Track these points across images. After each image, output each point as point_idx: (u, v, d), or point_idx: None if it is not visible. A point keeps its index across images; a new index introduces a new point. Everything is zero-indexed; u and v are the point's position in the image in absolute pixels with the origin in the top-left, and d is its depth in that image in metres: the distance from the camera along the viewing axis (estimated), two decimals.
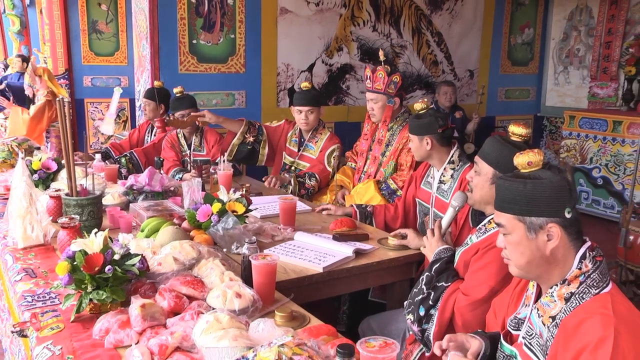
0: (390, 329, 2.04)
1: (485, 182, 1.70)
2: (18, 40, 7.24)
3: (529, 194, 1.18)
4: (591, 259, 1.17)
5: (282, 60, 4.49)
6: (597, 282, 1.15)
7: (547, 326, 1.17)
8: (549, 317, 1.17)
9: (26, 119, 5.09)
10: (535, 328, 1.21)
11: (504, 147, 1.64)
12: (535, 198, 1.17)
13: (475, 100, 5.36)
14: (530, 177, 1.20)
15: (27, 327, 1.46)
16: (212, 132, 3.52)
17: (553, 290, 1.19)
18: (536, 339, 1.20)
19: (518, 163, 1.24)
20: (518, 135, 1.65)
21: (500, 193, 1.24)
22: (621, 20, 5.48)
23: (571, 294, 1.15)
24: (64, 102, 2.07)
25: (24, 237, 2.02)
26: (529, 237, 1.19)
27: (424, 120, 2.30)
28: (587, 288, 1.14)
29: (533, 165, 1.22)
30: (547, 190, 1.17)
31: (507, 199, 1.21)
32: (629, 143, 4.80)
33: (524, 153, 1.23)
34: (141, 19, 4.07)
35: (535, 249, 1.19)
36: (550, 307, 1.18)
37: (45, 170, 2.72)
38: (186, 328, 1.31)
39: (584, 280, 1.15)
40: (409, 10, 5.04)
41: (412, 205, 2.55)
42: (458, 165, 2.31)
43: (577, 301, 1.14)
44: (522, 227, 1.19)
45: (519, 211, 1.19)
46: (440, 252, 1.83)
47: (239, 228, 2.03)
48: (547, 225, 1.17)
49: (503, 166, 1.64)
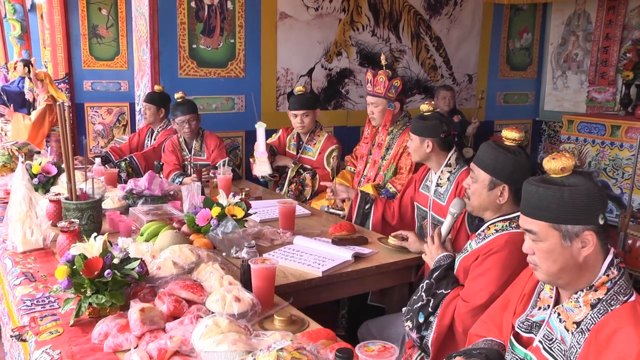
0: (389, 333, 2.04)
1: (482, 189, 1.70)
2: (19, 45, 7.24)
3: (567, 202, 1.14)
4: (616, 266, 1.17)
5: (281, 64, 4.51)
6: (625, 289, 1.14)
7: (572, 332, 1.15)
8: (572, 322, 1.16)
9: (28, 124, 5.10)
10: (556, 333, 1.19)
11: (499, 153, 1.64)
12: (573, 205, 1.14)
13: (474, 104, 5.38)
14: (565, 184, 1.16)
15: (26, 331, 1.46)
16: (213, 137, 3.53)
17: (578, 296, 1.17)
18: (557, 344, 1.19)
19: (550, 168, 1.19)
20: (511, 139, 1.65)
21: (532, 199, 1.20)
22: (618, 26, 5.50)
23: (598, 300, 1.14)
24: (64, 107, 2.07)
25: (24, 241, 2.02)
26: (564, 245, 1.16)
27: (429, 123, 2.29)
28: (615, 295, 1.14)
29: (566, 171, 1.18)
30: (583, 197, 1.14)
31: (541, 206, 1.17)
32: (627, 147, 4.81)
33: (557, 158, 1.19)
34: (141, 23, 4.08)
35: (570, 256, 1.16)
36: (574, 312, 1.17)
37: (45, 174, 2.73)
38: (185, 332, 1.31)
39: (612, 287, 1.14)
40: (407, 15, 5.06)
41: (409, 206, 2.55)
42: (455, 169, 2.31)
43: (605, 308, 1.13)
44: (557, 235, 1.16)
45: (555, 219, 1.16)
46: (440, 260, 1.83)
47: (238, 232, 2.03)
48: (583, 233, 1.15)
49: (499, 172, 1.65)
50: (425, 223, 2.45)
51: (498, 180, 1.66)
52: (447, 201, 2.28)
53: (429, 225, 2.43)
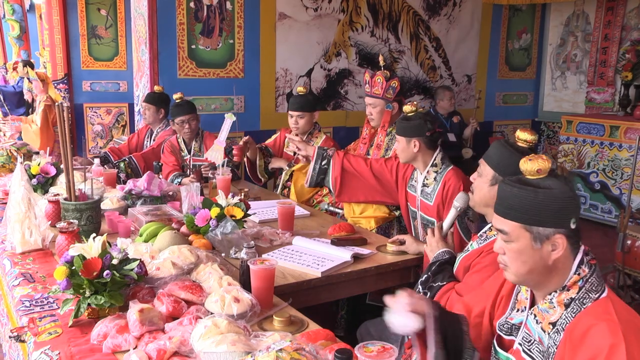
0: (389, 334, 2.04)
1: (484, 184, 1.71)
2: (17, 45, 7.24)
3: (540, 204, 1.14)
4: (587, 264, 1.17)
5: (280, 65, 4.51)
6: (596, 287, 1.15)
7: (548, 333, 1.16)
8: (548, 323, 1.17)
9: (36, 130, 5.08)
10: (534, 334, 1.20)
11: (506, 151, 1.66)
12: (546, 208, 1.14)
13: (473, 105, 5.38)
14: (540, 186, 1.16)
15: (25, 332, 1.46)
16: (212, 138, 3.52)
17: (552, 297, 1.18)
18: (536, 345, 1.19)
19: (526, 169, 1.19)
20: (524, 140, 1.65)
21: (506, 199, 1.19)
22: (617, 26, 5.51)
23: (571, 299, 1.15)
24: (64, 107, 2.07)
25: (22, 242, 2.02)
26: (534, 247, 1.16)
27: (413, 123, 2.33)
28: (587, 293, 1.14)
29: (542, 173, 1.18)
30: (557, 200, 1.14)
31: (514, 206, 1.17)
32: (626, 148, 4.82)
33: (533, 159, 1.18)
34: (140, 24, 4.08)
35: (539, 258, 1.16)
36: (549, 313, 1.17)
37: (44, 175, 2.73)
38: (184, 333, 1.31)
39: (583, 285, 1.15)
40: (407, 16, 5.06)
41: (386, 172, 2.56)
42: (441, 168, 2.34)
43: (578, 307, 1.14)
44: (528, 237, 1.16)
45: (527, 220, 1.15)
46: (439, 255, 1.86)
47: (238, 233, 2.03)
48: (554, 236, 1.15)
49: (503, 169, 1.66)
50: (416, 223, 2.48)
51: (501, 176, 1.66)
52: (434, 201, 2.33)
53: (420, 226, 2.46)
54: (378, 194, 2.60)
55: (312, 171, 2.65)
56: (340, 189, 2.61)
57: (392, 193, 2.57)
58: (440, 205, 2.31)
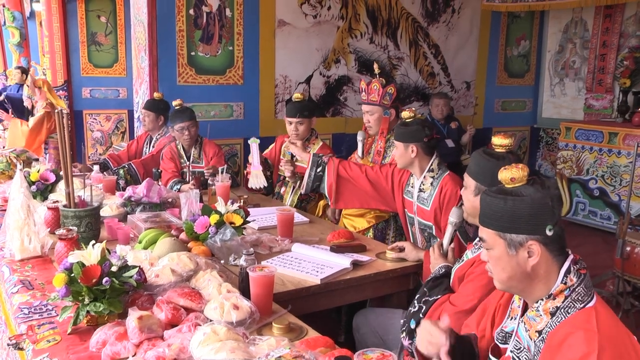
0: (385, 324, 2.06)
1: (469, 195, 1.74)
2: (17, 52, 7.26)
3: (509, 211, 1.17)
4: (575, 273, 1.18)
5: (280, 72, 4.52)
6: (582, 296, 1.15)
7: (534, 340, 1.17)
8: (535, 331, 1.18)
9: (25, 130, 5.09)
10: (524, 342, 1.21)
11: (482, 159, 1.68)
12: (516, 215, 1.17)
13: (471, 111, 5.40)
14: (512, 194, 1.19)
15: (23, 339, 1.46)
16: (211, 144, 3.53)
17: (539, 305, 1.19)
18: (525, 353, 1.20)
19: (502, 178, 1.22)
20: (499, 145, 1.67)
21: (483, 208, 1.24)
22: (615, 33, 5.53)
23: (557, 308, 1.16)
24: (63, 114, 2.08)
25: (22, 249, 2.02)
26: (510, 254, 1.19)
27: (410, 128, 2.35)
28: (573, 302, 1.15)
29: (516, 181, 1.19)
30: (527, 207, 1.16)
31: (489, 214, 1.21)
32: (625, 154, 4.83)
33: (508, 168, 1.21)
34: (140, 31, 4.10)
35: (516, 265, 1.19)
36: (536, 321, 1.18)
37: (43, 182, 2.73)
38: (183, 340, 1.31)
39: (569, 294, 1.16)
40: (406, 23, 5.09)
41: (382, 179, 2.57)
42: (437, 174, 2.36)
43: (562, 315, 1.14)
44: (503, 244, 1.19)
45: (500, 227, 1.19)
46: (436, 271, 1.87)
47: (237, 239, 2.03)
48: (527, 243, 1.17)
49: (482, 177, 1.68)
50: (414, 229, 2.48)
51: (482, 186, 1.68)
52: (431, 206, 2.34)
53: (417, 232, 2.47)
54: (374, 201, 2.62)
55: (307, 178, 2.68)
56: (336, 195, 2.64)
57: (387, 200, 2.59)
58: (438, 209, 2.32)
